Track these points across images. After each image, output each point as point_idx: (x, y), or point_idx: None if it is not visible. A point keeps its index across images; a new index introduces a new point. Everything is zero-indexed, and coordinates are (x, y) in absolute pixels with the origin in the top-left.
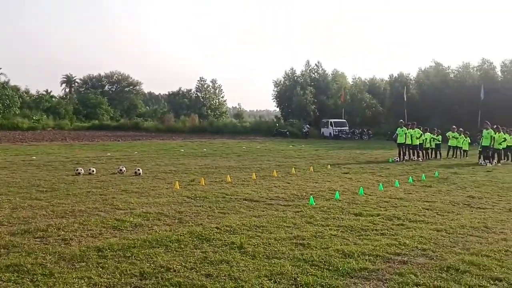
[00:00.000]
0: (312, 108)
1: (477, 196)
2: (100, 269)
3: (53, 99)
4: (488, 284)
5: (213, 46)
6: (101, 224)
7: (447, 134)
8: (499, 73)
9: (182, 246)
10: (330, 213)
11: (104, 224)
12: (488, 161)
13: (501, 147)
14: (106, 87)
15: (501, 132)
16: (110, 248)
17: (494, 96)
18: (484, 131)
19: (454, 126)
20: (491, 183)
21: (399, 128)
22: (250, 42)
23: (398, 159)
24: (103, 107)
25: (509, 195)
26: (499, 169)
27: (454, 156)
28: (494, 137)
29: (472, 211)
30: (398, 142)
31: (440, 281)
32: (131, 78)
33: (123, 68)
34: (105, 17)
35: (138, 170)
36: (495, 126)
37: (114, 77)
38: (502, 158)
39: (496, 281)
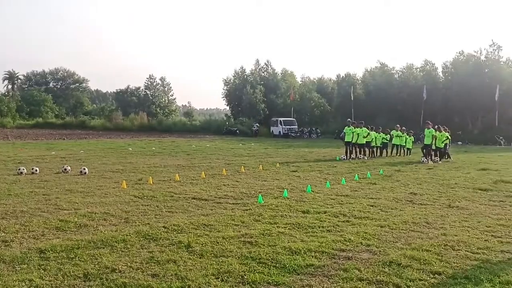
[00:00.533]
0: (262, 106)
1: (419, 193)
2: (42, 271)
3: None
4: (428, 278)
5: (163, 43)
6: (43, 225)
7: (391, 133)
8: (441, 74)
9: (128, 246)
10: (278, 211)
11: (47, 225)
12: (429, 158)
13: (442, 145)
14: (51, 84)
15: (442, 131)
16: (52, 249)
17: (436, 96)
18: (426, 130)
19: (397, 125)
20: (432, 180)
21: (346, 127)
22: (200, 40)
23: (345, 157)
24: (48, 105)
25: (449, 192)
26: (440, 167)
27: (398, 154)
28: (435, 136)
29: (414, 207)
30: (345, 140)
31: (382, 276)
32: (77, 75)
33: (69, 64)
34: (49, 10)
35: (84, 169)
36: (437, 126)
37: (59, 73)
38: (444, 156)
39: (436, 275)
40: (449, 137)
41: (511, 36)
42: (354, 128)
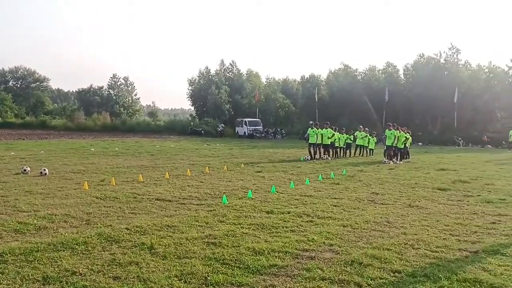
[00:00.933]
0: (227, 107)
1: (380, 193)
2: (0, 275)
3: None
4: (388, 276)
5: (127, 42)
6: (1, 227)
7: (355, 134)
8: (402, 76)
9: (90, 248)
10: (242, 211)
11: (4, 227)
12: (391, 159)
13: (402, 146)
14: (10, 82)
15: (401, 132)
16: (11, 252)
17: (398, 98)
18: (387, 131)
19: (361, 126)
20: (394, 180)
21: (310, 129)
22: (164, 39)
23: (309, 158)
24: (7, 104)
25: (409, 191)
26: (401, 167)
27: (361, 155)
28: (397, 137)
29: (375, 207)
30: (310, 142)
31: (344, 275)
32: (37, 73)
33: (29, 63)
34: (8, 7)
35: (44, 170)
36: (396, 127)
37: (19, 72)
38: (404, 156)
39: (396, 273)
40: (408, 137)
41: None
42: (317, 129)
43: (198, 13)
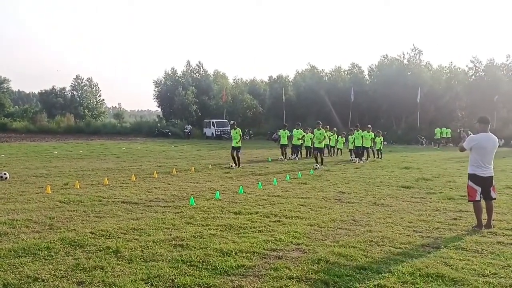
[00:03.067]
0: (194, 108)
1: (347, 192)
2: None
3: None
4: (354, 273)
5: (91, 43)
6: None
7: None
8: (367, 77)
9: (52, 253)
10: (210, 212)
11: None
12: (358, 158)
13: (369, 144)
14: None
15: (359, 131)
16: None
17: (363, 98)
18: (356, 132)
19: (327, 127)
20: (359, 179)
21: (281, 130)
22: (130, 40)
23: (282, 158)
24: None
25: (375, 190)
26: (366, 166)
27: (331, 155)
28: (363, 137)
29: (342, 206)
30: (281, 143)
31: (311, 273)
32: None
33: None
34: None
35: (5, 174)
36: (356, 124)
37: None
38: (374, 155)
39: (361, 270)
40: (373, 136)
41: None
42: (284, 130)
43: (164, 13)
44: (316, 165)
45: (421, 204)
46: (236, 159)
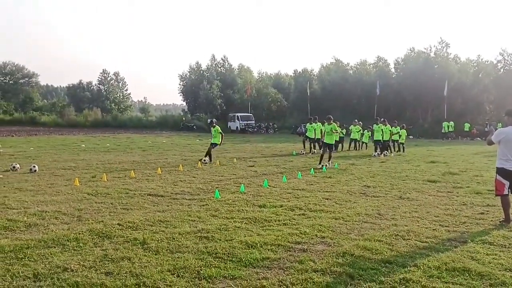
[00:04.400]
0: (219, 102)
1: (372, 185)
2: None
3: None
4: (379, 267)
5: (117, 38)
6: None
7: (349, 128)
8: (393, 70)
9: (81, 244)
10: (235, 205)
11: None
12: (381, 152)
13: (392, 138)
14: None
15: (387, 125)
16: (0, 250)
17: (389, 91)
18: (375, 125)
19: (355, 120)
20: (385, 173)
21: (308, 124)
22: (156, 35)
23: (303, 151)
24: None
25: (400, 184)
26: (392, 160)
27: (355, 148)
28: (384, 131)
29: (367, 200)
30: (308, 136)
31: (336, 266)
32: (26, 69)
33: (18, 58)
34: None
35: (34, 166)
36: (382, 119)
37: (7, 68)
38: (394, 149)
39: (387, 264)
40: (392, 131)
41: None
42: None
43: (189, 8)
44: (325, 163)
45: (448, 198)
46: (210, 155)
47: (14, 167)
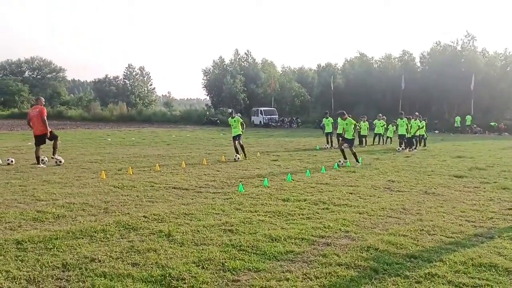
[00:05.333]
0: (242, 96)
1: (396, 180)
2: (19, 262)
3: None
4: (404, 262)
5: (142, 32)
6: (20, 216)
7: (373, 122)
8: (418, 64)
9: (108, 236)
10: (258, 199)
11: (23, 216)
12: (405, 147)
13: (417, 133)
14: (26, 73)
15: (416, 120)
16: (30, 240)
17: (414, 86)
18: (399, 120)
19: (380, 115)
20: (410, 167)
21: (325, 119)
22: (179, 29)
23: (328, 146)
24: (24, 95)
25: (426, 179)
26: (417, 155)
27: (379, 143)
28: (409, 125)
29: (391, 194)
30: (326, 131)
31: (360, 261)
32: (53, 64)
33: (45, 53)
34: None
35: (59, 158)
36: (401, 112)
37: (35, 62)
38: (419, 144)
39: (412, 258)
40: (420, 125)
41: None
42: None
43: (214, 3)
44: (342, 161)
45: (474, 193)
46: (240, 148)
47: (42, 160)
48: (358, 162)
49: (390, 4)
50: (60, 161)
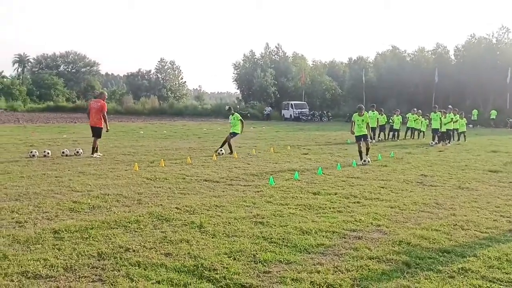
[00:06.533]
0: (273, 90)
1: (429, 175)
2: (57, 251)
3: (5, 79)
4: (437, 256)
5: (173, 27)
6: (57, 206)
7: (407, 116)
8: (453, 57)
9: (141, 226)
10: (289, 192)
11: (60, 206)
12: (438, 141)
13: (451, 127)
14: (62, 67)
15: (450, 113)
16: (66, 229)
17: (448, 79)
18: (433, 114)
19: (414, 109)
20: (443, 162)
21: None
22: (210, 23)
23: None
24: (59, 88)
25: (459, 173)
26: (450, 149)
27: (412, 137)
28: (442, 119)
29: (424, 189)
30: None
31: (392, 254)
32: (88, 58)
33: (80, 47)
34: None
35: (80, 150)
36: (434, 106)
37: (70, 57)
38: (453, 138)
39: (445, 253)
40: (453, 119)
41: None
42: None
43: None
44: (366, 160)
45: (510, 188)
46: (230, 145)
47: (77, 152)
48: (362, 161)
49: None
50: (94, 156)
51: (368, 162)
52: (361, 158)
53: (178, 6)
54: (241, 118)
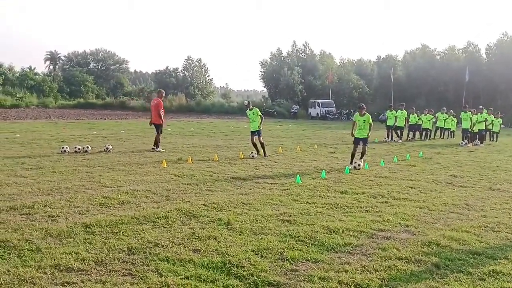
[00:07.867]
0: (300, 88)
1: (459, 175)
2: (88, 245)
3: (37, 76)
4: (467, 258)
5: (200, 25)
6: (88, 201)
7: (436, 115)
8: (484, 56)
9: (170, 222)
10: (316, 191)
11: (91, 201)
12: (469, 141)
13: (483, 127)
14: (91, 64)
15: (482, 113)
16: (97, 224)
17: (479, 78)
18: (463, 113)
19: (444, 108)
20: (473, 162)
21: (388, 111)
22: (237, 21)
23: (388, 139)
24: (89, 85)
25: (490, 174)
26: (481, 150)
27: (442, 137)
28: (472, 119)
29: (454, 189)
30: (387, 124)
31: (421, 255)
32: (117, 56)
33: (110, 45)
34: None
35: (110, 146)
36: (465, 105)
37: (100, 54)
38: (484, 139)
39: (475, 255)
40: (488, 119)
41: None
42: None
43: None
44: (358, 163)
45: None
46: (259, 145)
47: (107, 148)
48: (353, 165)
49: None
50: (157, 150)
51: (360, 166)
52: (351, 162)
53: (206, 5)
54: (260, 113)
